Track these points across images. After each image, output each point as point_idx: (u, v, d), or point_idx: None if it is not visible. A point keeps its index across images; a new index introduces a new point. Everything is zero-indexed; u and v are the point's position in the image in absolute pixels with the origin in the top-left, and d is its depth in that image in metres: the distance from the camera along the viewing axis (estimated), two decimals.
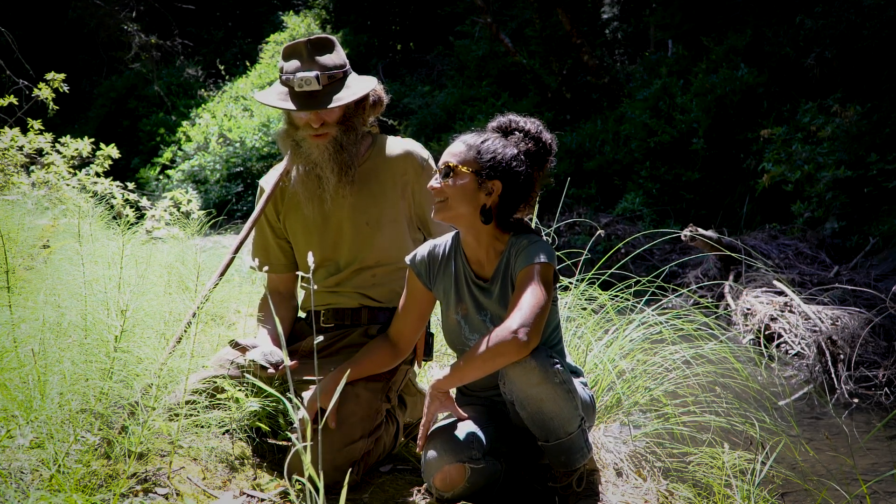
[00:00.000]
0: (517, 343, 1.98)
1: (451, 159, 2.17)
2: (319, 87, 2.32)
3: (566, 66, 12.73)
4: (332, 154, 2.38)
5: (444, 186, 2.15)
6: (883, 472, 3.22)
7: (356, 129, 2.43)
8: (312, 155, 2.39)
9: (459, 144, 2.19)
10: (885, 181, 6.88)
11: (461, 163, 2.15)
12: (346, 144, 2.40)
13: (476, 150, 2.16)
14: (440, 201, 2.16)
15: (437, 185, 2.16)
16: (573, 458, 2.14)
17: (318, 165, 2.39)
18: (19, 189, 4.40)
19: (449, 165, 2.15)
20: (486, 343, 2.01)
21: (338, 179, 2.41)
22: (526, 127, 2.24)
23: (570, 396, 2.07)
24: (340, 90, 2.36)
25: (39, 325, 2.11)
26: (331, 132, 2.38)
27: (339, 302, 2.52)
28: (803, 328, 5.16)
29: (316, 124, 2.36)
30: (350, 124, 2.41)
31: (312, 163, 2.40)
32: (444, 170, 2.16)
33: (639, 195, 9.79)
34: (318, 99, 2.33)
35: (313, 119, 2.35)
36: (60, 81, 4.70)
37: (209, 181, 14.81)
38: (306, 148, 2.39)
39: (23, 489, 1.68)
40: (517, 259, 2.14)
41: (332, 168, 2.39)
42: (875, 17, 7.96)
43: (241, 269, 4.44)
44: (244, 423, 2.21)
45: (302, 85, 2.31)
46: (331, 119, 2.37)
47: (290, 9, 20.05)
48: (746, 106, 9.27)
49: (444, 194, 2.15)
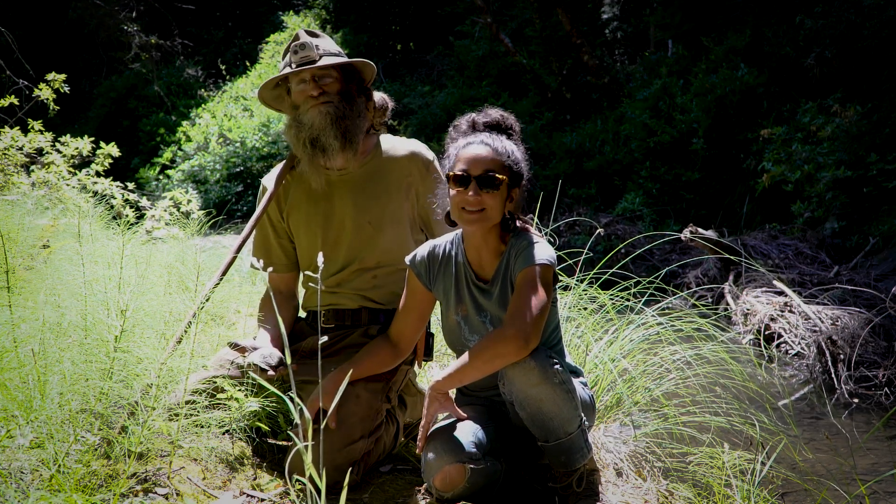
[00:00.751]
0: (517, 344, 1.98)
1: (493, 168, 2.09)
2: (316, 55, 2.37)
3: (566, 66, 12.73)
4: (334, 119, 2.39)
5: (486, 197, 2.10)
6: (883, 472, 3.22)
7: (356, 103, 2.45)
8: (315, 122, 2.40)
9: (485, 148, 2.12)
10: (885, 181, 6.88)
11: (499, 172, 2.11)
12: (347, 114, 2.41)
13: (506, 156, 2.12)
14: (478, 211, 2.10)
15: (476, 196, 2.09)
16: (573, 458, 2.14)
17: (321, 132, 2.40)
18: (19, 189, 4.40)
19: (496, 177, 2.09)
20: (486, 344, 2.01)
21: (341, 145, 2.41)
22: (516, 126, 2.23)
23: (570, 396, 2.07)
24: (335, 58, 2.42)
25: (39, 325, 2.11)
26: (332, 100, 2.40)
27: (339, 302, 2.52)
28: (803, 328, 5.16)
29: (315, 92, 2.38)
30: (350, 98, 2.43)
31: (315, 130, 2.40)
32: (487, 179, 2.09)
33: (639, 195, 9.79)
34: (317, 62, 2.38)
35: (312, 87, 2.38)
36: (61, 82, 4.70)
37: (209, 181, 14.81)
38: (308, 118, 2.41)
39: (23, 489, 1.68)
40: (517, 260, 2.13)
41: (335, 133, 2.40)
42: (875, 17, 7.96)
43: (241, 269, 4.44)
44: (244, 423, 2.21)
45: (298, 51, 2.36)
46: (330, 89, 2.40)
47: (290, 9, 20.05)
48: (746, 106, 9.27)
49: (483, 204, 2.10)
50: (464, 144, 2.16)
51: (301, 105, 2.42)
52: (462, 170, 2.11)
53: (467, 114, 2.27)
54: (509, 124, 2.23)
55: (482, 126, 2.21)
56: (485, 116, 2.22)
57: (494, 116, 2.22)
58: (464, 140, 2.18)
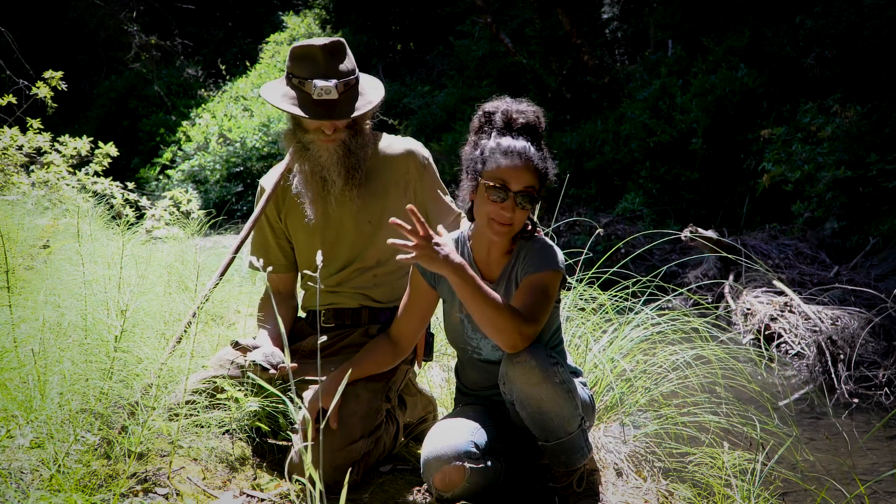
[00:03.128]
0: (515, 335, 1.98)
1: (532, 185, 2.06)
2: (338, 95, 2.31)
3: (566, 66, 12.73)
4: (341, 157, 2.37)
5: (519, 213, 2.06)
6: (883, 472, 3.22)
7: (364, 132, 2.43)
8: (321, 158, 2.38)
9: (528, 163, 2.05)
10: (885, 181, 6.88)
11: (538, 188, 2.08)
12: (354, 148, 2.39)
13: (543, 171, 2.09)
14: (506, 225, 2.07)
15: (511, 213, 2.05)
16: (573, 458, 2.14)
17: (326, 168, 2.39)
18: (19, 189, 4.40)
19: (534, 195, 2.06)
20: (503, 309, 1.98)
21: (344, 182, 2.40)
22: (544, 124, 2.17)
23: (570, 396, 2.07)
24: (356, 97, 2.36)
25: (39, 325, 2.11)
26: (340, 136, 2.37)
27: (339, 302, 2.52)
28: (803, 328, 5.16)
29: (329, 131, 2.34)
30: (358, 128, 2.41)
31: (320, 165, 2.39)
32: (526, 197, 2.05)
33: (639, 195, 9.79)
34: (337, 109, 2.31)
35: (327, 126, 2.33)
36: (58, 80, 4.69)
37: (209, 181, 14.80)
38: (315, 151, 2.38)
39: (23, 489, 1.68)
40: (526, 263, 2.13)
41: (339, 171, 2.38)
42: (875, 17, 7.95)
43: (241, 269, 4.44)
44: (244, 423, 2.21)
45: (321, 94, 2.28)
46: (342, 124, 2.36)
47: (290, 9, 20.04)
48: (746, 106, 9.27)
49: (513, 220, 2.07)
50: (504, 150, 2.07)
51: (310, 132, 2.38)
52: (502, 182, 2.05)
53: (499, 100, 2.17)
54: (543, 126, 2.17)
55: (519, 126, 2.12)
56: (521, 115, 2.12)
57: (530, 117, 2.13)
58: (505, 142, 2.09)
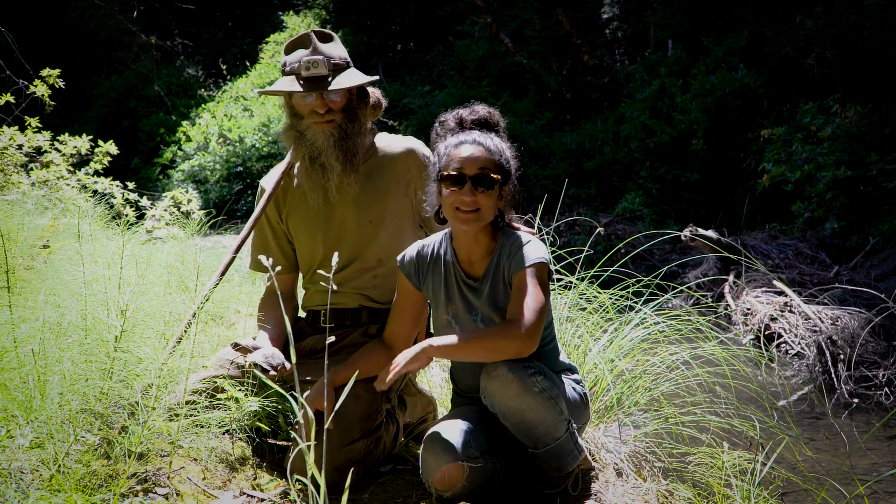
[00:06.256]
0: (521, 344, 1.99)
1: (487, 168, 2.08)
2: (326, 71, 2.33)
3: (566, 66, 12.73)
4: (337, 140, 2.38)
5: (480, 197, 2.08)
6: (883, 472, 3.22)
7: (360, 119, 2.44)
8: (317, 142, 2.39)
9: (479, 148, 2.10)
10: (885, 181, 6.88)
11: (494, 171, 2.09)
12: (350, 133, 2.39)
13: (498, 155, 2.11)
14: (473, 211, 2.09)
15: (472, 196, 2.08)
16: (564, 462, 2.14)
17: (323, 153, 2.39)
18: (19, 189, 4.40)
19: (491, 176, 2.08)
20: (491, 335, 2.02)
21: (342, 167, 2.40)
22: (502, 122, 2.22)
23: (552, 403, 2.06)
24: (347, 80, 2.37)
25: (39, 325, 2.11)
26: (336, 119, 2.38)
27: (339, 302, 2.52)
28: (803, 328, 5.16)
29: (322, 110, 2.36)
30: (354, 115, 2.42)
31: (317, 150, 2.39)
32: (482, 179, 2.08)
33: (639, 195, 9.79)
34: (326, 82, 2.34)
35: (319, 104, 2.35)
36: (56, 77, 4.68)
37: (209, 181, 14.80)
38: (311, 135, 2.39)
39: (23, 489, 1.68)
40: (512, 259, 2.13)
41: (337, 155, 2.39)
42: (875, 17, 7.95)
43: (241, 269, 4.44)
44: (244, 423, 2.21)
45: (309, 68, 2.32)
46: (336, 106, 2.37)
47: (290, 9, 20.03)
48: (746, 106, 9.27)
49: (477, 205, 2.09)
50: (456, 143, 2.14)
51: (305, 118, 2.39)
52: (456, 169, 2.09)
53: (453, 109, 2.25)
54: (496, 121, 2.22)
55: (470, 123, 2.19)
56: (472, 113, 2.20)
57: (482, 114, 2.20)
58: (455, 139, 2.15)
